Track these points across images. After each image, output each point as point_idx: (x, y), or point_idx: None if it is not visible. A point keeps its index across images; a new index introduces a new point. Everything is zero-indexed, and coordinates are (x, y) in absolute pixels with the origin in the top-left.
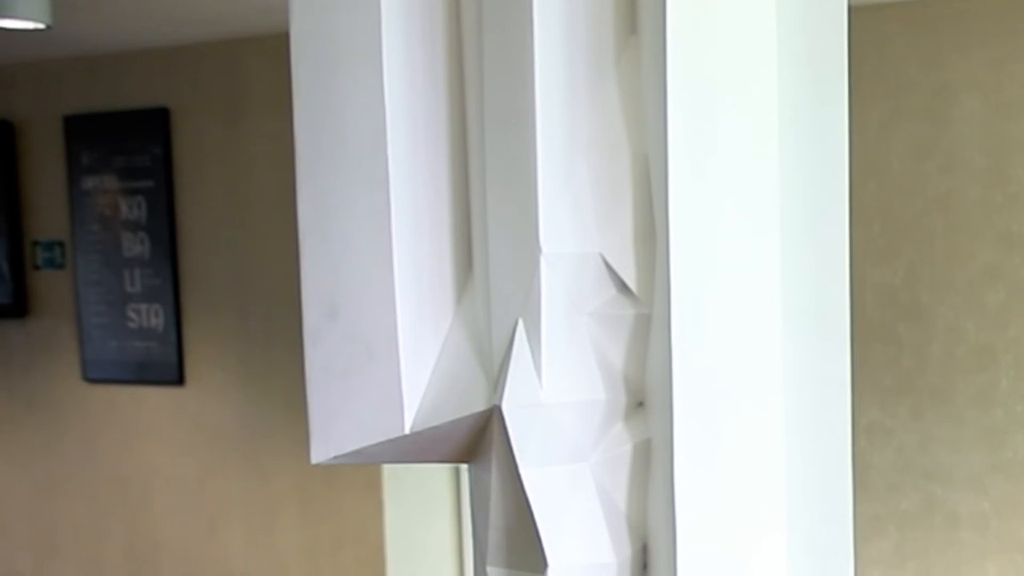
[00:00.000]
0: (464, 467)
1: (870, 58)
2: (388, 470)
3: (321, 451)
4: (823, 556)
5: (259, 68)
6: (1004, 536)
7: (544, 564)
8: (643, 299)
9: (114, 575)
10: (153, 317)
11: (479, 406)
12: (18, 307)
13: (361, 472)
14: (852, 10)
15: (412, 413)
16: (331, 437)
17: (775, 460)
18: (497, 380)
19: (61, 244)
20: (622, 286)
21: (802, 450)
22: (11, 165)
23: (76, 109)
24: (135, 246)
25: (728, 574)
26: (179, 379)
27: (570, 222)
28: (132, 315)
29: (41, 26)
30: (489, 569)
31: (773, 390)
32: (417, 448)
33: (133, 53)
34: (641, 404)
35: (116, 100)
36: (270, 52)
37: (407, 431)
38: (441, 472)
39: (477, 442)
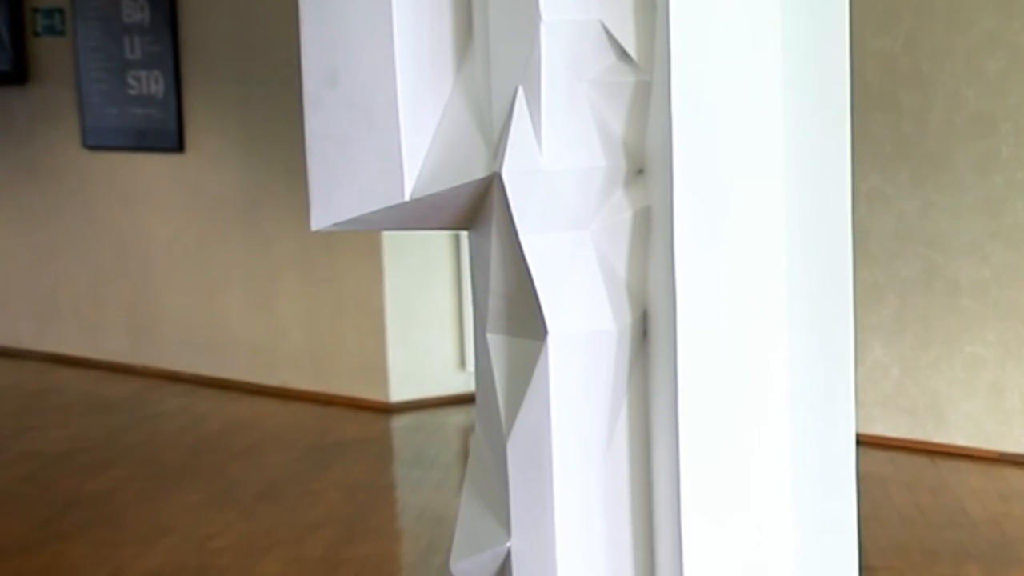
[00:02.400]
0: (464, 234)
1: None
2: (388, 237)
3: (321, 218)
4: (823, 322)
5: None
6: (1004, 303)
7: (544, 331)
8: (643, 66)
9: (114, 341)
10: (153, 84)
11: (479, 173)
12: (18, 74)
13: (361, 239)
14: None
15: (412, 180)
16: (331, 204)
17: (775, 226)
18: (497, 147)
19: (61, 11)
20: (622, 53)
21: (802, 217)
22: None
23: None
24: (135, 13)
25: (728, 340)
26: (179, 146)
27: None
28: (132, 82)
29: None
30: (489, 336)
31: (773, 157)
32: (417, 215)
33: None
34: (641, 171)
35: None
36: None
37: (407, 198)
38: (441, 239)
39: (477, 209)
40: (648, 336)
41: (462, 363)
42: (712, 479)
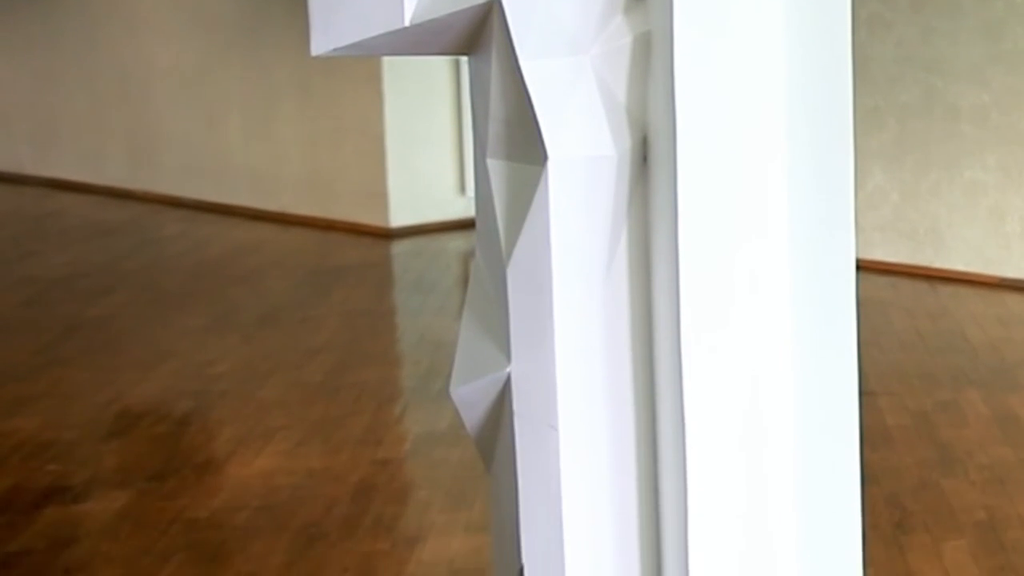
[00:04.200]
0: (464, 59)
1: None
2: (388, 62)
3: (321, 43)
4: (823, 147)
5: None
6: (1004, 128)
7: (544, 156)
8: None
9: (114, 166)
10: None
11: None
12: None
13: (361, 64)
14: None
15: (412, 5)
16: (331, 29)
17: (775, 52)
18: None
19: None
20: None
21: (802, 41)
22: None
23: None
24: None
25: (728, 165)
26: None
27: None
28: None
29: None
30: (489, 161)
31: None
32: (416, 40)
33: None
34: None
35: None
36: None
37: (407, 23)
38: (441, 65)
39: (477, 34)
40: (648, 161)
41: (462, 188)
42: (712, 304)
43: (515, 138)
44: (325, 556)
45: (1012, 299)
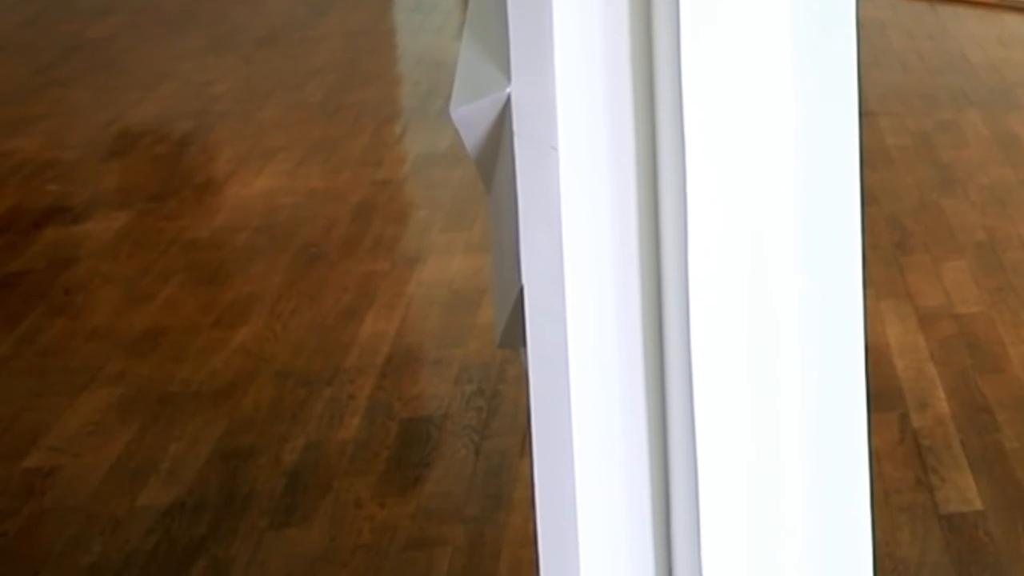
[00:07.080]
0: None
1: None
2: None
3: None
4: None
5: None
6: None
7: None
8: None
9: None
10: None
11: None
12: None
13: None
14: None
15: None
16: None
17: None
18: None
19: None
20: None
21: None
22: None
23: None
24: None
25: None
26: None
27: None
28: None
29: None
30: None
31: None
32: None
33: None
34: None
35: None
36: None
37: None
38: None
39: None
40: None
41: None
42: (710, 20)
43: None
44: (325, 276)
45: (1012, 19)
